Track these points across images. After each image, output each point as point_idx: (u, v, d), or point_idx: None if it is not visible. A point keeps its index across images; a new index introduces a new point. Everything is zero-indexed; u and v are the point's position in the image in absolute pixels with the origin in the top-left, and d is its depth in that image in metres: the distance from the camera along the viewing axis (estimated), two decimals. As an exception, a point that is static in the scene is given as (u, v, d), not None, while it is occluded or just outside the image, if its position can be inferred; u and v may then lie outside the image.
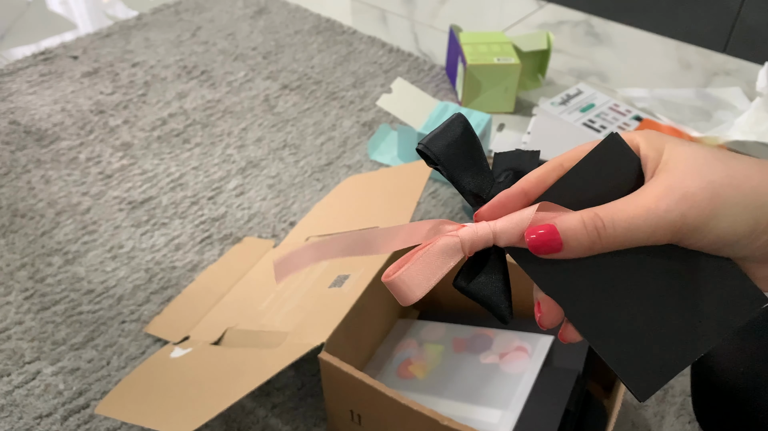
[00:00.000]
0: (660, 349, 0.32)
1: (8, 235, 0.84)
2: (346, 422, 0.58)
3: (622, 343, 0.32)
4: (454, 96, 1.12)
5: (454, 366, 0.61)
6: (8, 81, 1.13)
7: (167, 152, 0.98)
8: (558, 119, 1.04)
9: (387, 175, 0.79)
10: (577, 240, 0.29)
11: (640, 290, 0.32)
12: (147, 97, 1.10)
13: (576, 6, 1.39)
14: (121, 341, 0.72)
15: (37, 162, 0.96)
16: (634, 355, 0.32)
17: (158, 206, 0.89)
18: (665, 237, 0.29)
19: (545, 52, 1.10)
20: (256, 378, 0.51)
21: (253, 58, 1.21)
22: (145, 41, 1.26)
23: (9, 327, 0.73)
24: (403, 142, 0.94)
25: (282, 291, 0.66)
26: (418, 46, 1.27)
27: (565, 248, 0.29)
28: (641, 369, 0.32)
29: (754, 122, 0.99)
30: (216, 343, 0.64)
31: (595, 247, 0.29)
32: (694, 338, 0.32)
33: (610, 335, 0.32)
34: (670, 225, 0.28)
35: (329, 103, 1.09)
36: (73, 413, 0.65)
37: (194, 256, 0.82)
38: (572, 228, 0.29)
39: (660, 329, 0.32)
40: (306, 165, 0.97)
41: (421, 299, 0.72)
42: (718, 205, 0.28)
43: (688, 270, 0.31)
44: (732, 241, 0.29)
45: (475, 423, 0.54)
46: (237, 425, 0.64)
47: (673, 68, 1.21)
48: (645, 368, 0.32)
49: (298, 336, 0.56)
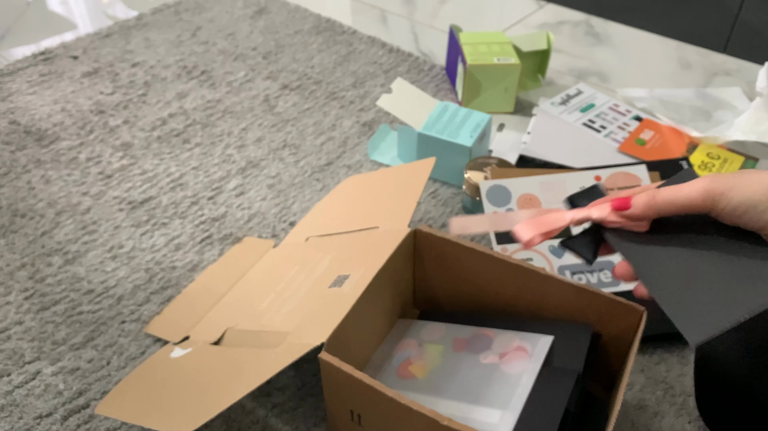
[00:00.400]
0: (710, 304, 0.40)
1: (8, 235, 0.84)
2: (346, 422, 0.58)
3: (679, 298, 0.41)
4: (454, 96, 1.12)
5: (454, 366, 0.61)
6: (8, 81, 1.13)
7: (167, 152, 0.98)
8: (558, 119, 1.04)
9: (387, 175, 0.79)
10: (638, 201, 0.44)
11: (694, 258, 0.42)
12: (147, 97, 1.10)
13: (576, 6, 1.39)
14: (121, 341, 0.72)
15: (37, 162, 0.96)
16: (688, 308, 0.41)
17: (158, 206, 0.89)
18: (698, 200, 0.41)
19: (545, 52, 1.10)
20: (256, 378, 0.51)
21: (253, 58, 1.21)
22: (145, 41, 1.26)
23: (9, 327, 0.73)
24: (403, 142, 0.94)
25: (282, 291, 0.66)
26: (418, 46, 1.27)
27: (632, 206, 0.45)
28: (694, 320, 0.40)
29: (754, 122, 0.99)
30: (216, 343, 0.64)
31: (649, 208, 0.44)
32: (740, 296, 0.40)
33: (670, 292, 0.42)
34: (702, 189, 0.41)
35: (329, 103, 1.09)
36: (73, 413, 0.65)
37: (194, 256, 0.82)
38: (637, 196, 0.45)
39: (710, 288, 0.41)
40: (306, 165, 0.97)
41: (421, 299, 0.72)
42: (737, 178, 0.40)
43: (729, 242, 0.42)
44: (752, 205, 0.39)
45: (475, 423, 0.54)
46: (237, 425, 0.64)
47: (673, 68, 1.21)
48: (697, 319, 0.40)
49: (298, 336, 0.56)
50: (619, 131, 1.01)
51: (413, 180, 0.72)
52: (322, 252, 0.70)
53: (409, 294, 0.72)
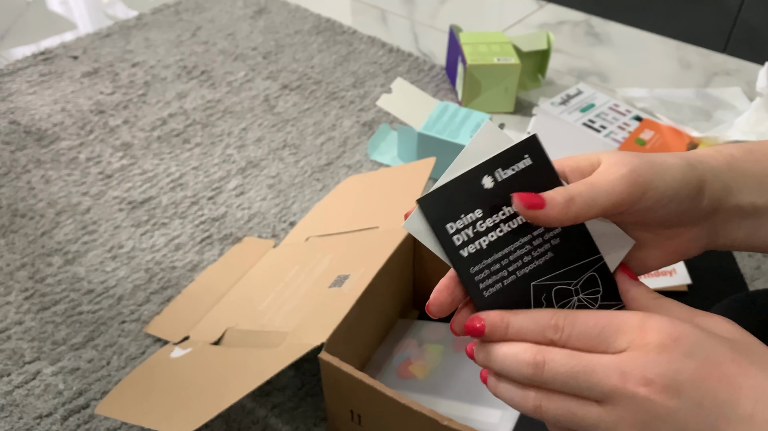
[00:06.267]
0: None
1: (8, 235, 0.84)
2: (346, 422, 0.58)
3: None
4: (454, 96, 1.12)
5: (454, 366, 0.61)
6: (8, 81, 1.13)
7: (167, 152, 0.98)
8: (558, 119, 1.04)
9: (387, 175, 0.79)
10: (552, 206, 0.31)
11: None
12: (147, 97, 1.10)
13: (576, 6, 1.39)
14: (121, 341, 0.72)
15: (37, 162, 0.96)
16: None
17: (158, 206, 0.89)
18: (623, 195, 0.30)
19: (545, 52, 1.10)
20: (256, 378, 0.51)
21: (253, 58, 1.21)
22: (145, 41, 1.26)
23: (9, 327, 0.73)
24: (403, 142, 0.94)
25: (282, 291, 0.66)
26: (418, 46, 1.27)
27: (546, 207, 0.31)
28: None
29: (754, 122, 0.99)
30: (216, 343, 0.64)
31: (566, 215, 0.31)
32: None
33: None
34: (626, 181, 0.30)
35: (329, 103, 1.09)
36: (73, 413, 0.65)
37: (194, 256, 0.82)
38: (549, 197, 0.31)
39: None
40: (306, 165, 0.97)
41: (421, 299, 0.72)
42: (656, 167, 0.31)
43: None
44: (672, 195, 0.31)
45: (475, 423, 0.54)
46: (237, 425, 0.64)
47: (673, 68, 1.21)
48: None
49: (298, 336, 0.56)
50: (619, 131, 1.01)
51: (413, 180, 0.72)
52: (322, 252, 0.70)
53: (409, 294, 0.72)
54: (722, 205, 0.33)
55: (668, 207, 0.32)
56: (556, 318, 0.30)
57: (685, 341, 0.28)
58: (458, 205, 0.32)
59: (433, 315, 0.33)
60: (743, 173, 0.33)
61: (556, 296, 0.33)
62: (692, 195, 0.32)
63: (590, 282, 0.32)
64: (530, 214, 0.30)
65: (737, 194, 0.33)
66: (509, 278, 0.33)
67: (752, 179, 0.33)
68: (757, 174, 0.34)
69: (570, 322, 0.30)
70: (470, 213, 0.32)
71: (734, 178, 0.33)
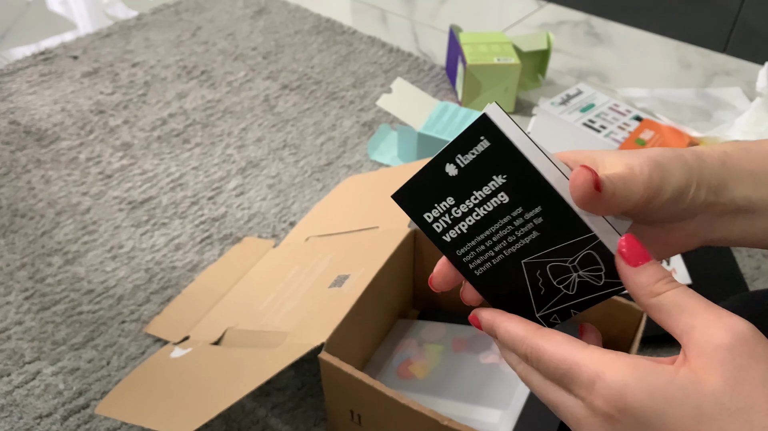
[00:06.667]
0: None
1: (8, 235, 0.84)
2: (346, 422, 0.58)
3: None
4: (454, 96, 1.12)
5: (454, 366, 0.61)
6: (8, 81, 1.13)
7: (167, 152, 0.98)
8: (558, 119, 1.04)
9: (387, 175, 0.79)
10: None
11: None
12: (147, 97, 1.10)
13: (576, 6, 1.39)
14: (121, 341, 0.72)
15: (37, 162, 0.96)
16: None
17: (158, 206, 0.89)
18: (640, 192, 0.31)
19: (545, 52, 1.10)
20: (256, 378, 0.51)
21: (253, 58, 1.21)
22: (145, 41, 1.26)
23: (9, 327, 0.73)
24: (403, 142, 0.94)
25: (282, 291, 0.66)
26: (418, 46, 1.27)
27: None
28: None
29: (754, 122, 0.99)
30: (216, 343, 0.64)
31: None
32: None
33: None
34: (647, 178, 0.31)
35: (329, 103, 1.09)
36: (73, 413, 0.65)
37: (194, 256, 0.82)
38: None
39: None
40: (306, 165, 0.97)
41: (421, 299, 0.72)
42: (662, 170, 0.31)
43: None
44: (677, 197, 0.32)
45: (475, 423, 0.54)
46: (237, 425, 0.64)
47: (673, 68, 1.21)
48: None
49: (298, 336, 0.56)
50: (619, 131, 1.01)
51: (413, 180, 0.72)
52: (322, 252, 0.70)
53: (409, 294, 0.72)
54: (717, 200, 0.33)
55: (670, 206, 0.32)
56: (524, 346, 0.31)
57: (631, 414, 0.27)
58: (429, 195, 0.32)
59: (435, 289, 0.35)
60: (737, 169, 0.34)
61: (553, 272, 0.33)
62: (691, 193, 0.32)
63: (588, 259, 0.32)
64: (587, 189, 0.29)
65: (732, 189, 0.34)
66: (497, 257, 0.33)
67: (746, 174, 0.34)
68: (751, 170, 0.34)
69: (535, 358, 0.31)
70: (442, 201, 0.32)
71: (729, 173, 0.34)
